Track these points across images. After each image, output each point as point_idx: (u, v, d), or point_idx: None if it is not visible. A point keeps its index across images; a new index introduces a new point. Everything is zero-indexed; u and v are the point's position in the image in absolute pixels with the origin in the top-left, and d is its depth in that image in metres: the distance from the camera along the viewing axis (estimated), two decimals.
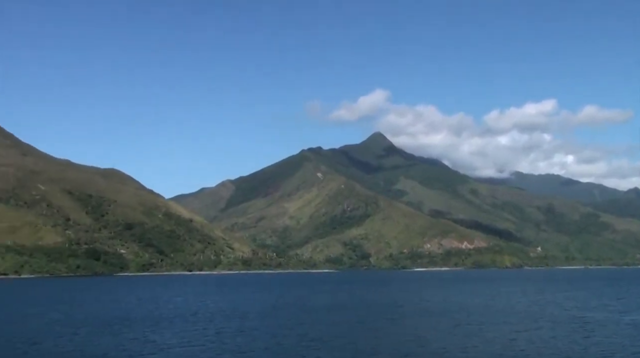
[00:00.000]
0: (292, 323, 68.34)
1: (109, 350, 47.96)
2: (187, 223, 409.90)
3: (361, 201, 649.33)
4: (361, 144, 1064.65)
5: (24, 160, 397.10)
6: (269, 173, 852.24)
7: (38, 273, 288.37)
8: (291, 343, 50.78)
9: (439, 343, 49.44)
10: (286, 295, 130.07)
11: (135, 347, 49.77)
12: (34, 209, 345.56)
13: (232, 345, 50.50)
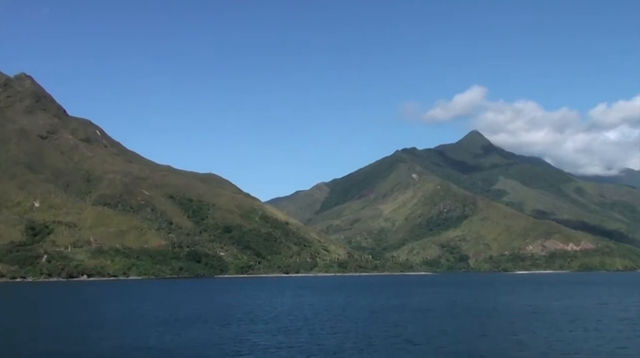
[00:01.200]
0: (387, 325, 68.32)
1: (207, 348, 50.41)
2: (283, 226, 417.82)
3: (458, 202, 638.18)
4: (457, 143, 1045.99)
5: (129, 167, 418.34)
6: (363, 175, 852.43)
7: (144, 275, 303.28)
8: (384, 345, 51.08)
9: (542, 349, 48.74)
10: (382, 297, 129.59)
11: (232, 346, 51.80)
12: (140, 214, 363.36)
13: (325, 345, 51.19)
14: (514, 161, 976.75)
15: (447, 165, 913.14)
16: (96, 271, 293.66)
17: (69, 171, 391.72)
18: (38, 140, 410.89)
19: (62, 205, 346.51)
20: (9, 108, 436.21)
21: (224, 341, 54.84)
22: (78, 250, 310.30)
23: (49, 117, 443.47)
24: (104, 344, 54.39)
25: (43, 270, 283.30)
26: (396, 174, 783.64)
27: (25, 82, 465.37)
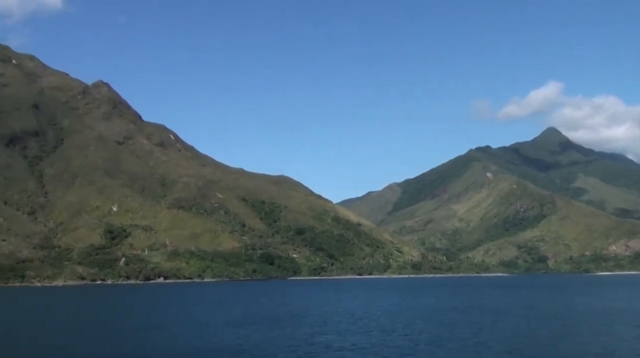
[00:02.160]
0: (461, 327, 66.51)
1: (280, 349, 50.93)
2: (356, 228, 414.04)
3: (535, 201, 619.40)
4: (533, 140, 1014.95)
5: (203, 171, 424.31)
6: (436, 174, 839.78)
7: (218, 277, 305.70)
8: (457, 347, 50.17)
9: None
10: (457, 299, 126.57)
11: (305, 347, 52.40)
12: (213, 216, 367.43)
13: (398, 347, 51.09)
14: (594, 158, 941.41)
15: (523, 164, 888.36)
16: (172, 273, 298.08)
17: (144, 175, 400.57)
18: (115, 145, 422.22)
19: (139, 209, 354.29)
20: (87, 115, 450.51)
21: (297, 342, 55.19)
22: (154, 252, 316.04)
23: (125, 123, 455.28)
24: (182, 344, 56.41)
25: (121, 273, 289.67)
26: (470, 173, 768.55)
27: (102, 89, 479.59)
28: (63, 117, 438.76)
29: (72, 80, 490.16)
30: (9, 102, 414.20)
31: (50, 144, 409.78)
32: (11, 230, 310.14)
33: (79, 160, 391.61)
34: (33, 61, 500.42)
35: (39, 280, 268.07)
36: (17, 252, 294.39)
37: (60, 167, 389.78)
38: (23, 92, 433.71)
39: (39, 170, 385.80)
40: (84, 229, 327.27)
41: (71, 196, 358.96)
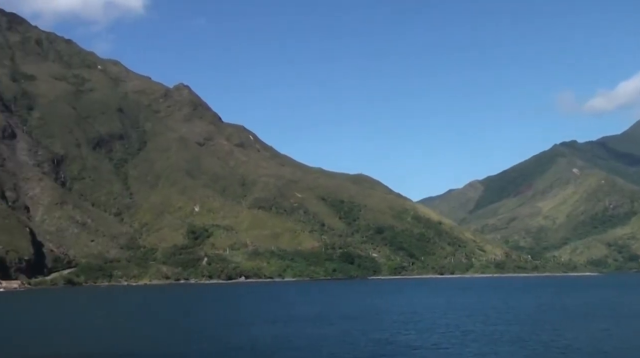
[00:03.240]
0: (546, 328, 64.35)
1: (359, 349, 50.40)
2: (436, 226, 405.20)
3: (625, 197, 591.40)
4: (622, 134, 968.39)
5: (282, 171, 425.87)
6: (519, 171, 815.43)
7: (299, 276, 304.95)
8: (541, 350, 48.50)
9: None
10: (542, 299, 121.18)
11: (384, 346, 51.98)
12: (293, 216, 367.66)
13: (478, 348, 50.05)
14: None
15: (612, 158, 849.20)
16: (253, 273, 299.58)
17: (225, 176, 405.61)
18: (196, 147, 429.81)
19: (220, 209, 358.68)
20: (169, 117, 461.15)
21: (377, 342, 54.39)
22: (235, 252, 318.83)
23: (205, 125, 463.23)
24: (263, 340, 57.79)
25: (204, 272, 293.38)
26: (555, 169, 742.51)
27: (183, 92, 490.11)
28: (146, 120, 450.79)
29: (154, 83, 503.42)
30: (96, 106, 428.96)
31: (134, 147, 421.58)
32: (99, 231, 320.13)
33: (162, 161, 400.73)
34: (117, 66, 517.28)
35: (126, 279, 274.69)
36: (104, 252, 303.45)
37: (144, 168, 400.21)
38: (108, 96, 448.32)
39: (124, 172, 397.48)
40: (167, 229, 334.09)
41: (155, 197, 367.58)
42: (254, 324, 75.81)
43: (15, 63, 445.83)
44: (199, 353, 50.91)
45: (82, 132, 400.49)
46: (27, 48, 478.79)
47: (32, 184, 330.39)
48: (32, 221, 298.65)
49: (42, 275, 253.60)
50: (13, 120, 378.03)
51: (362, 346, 52.11)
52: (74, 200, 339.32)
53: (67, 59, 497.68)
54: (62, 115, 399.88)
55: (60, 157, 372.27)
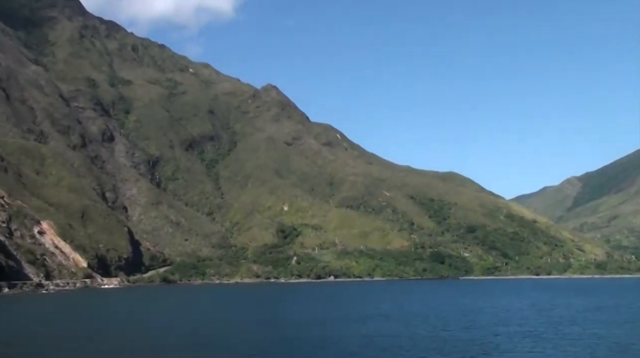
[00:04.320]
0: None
1: (442, 351, 49.76)
2: (531, 225, 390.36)
3: None
4: None
5: (370, 169, 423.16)
6: (621, 166, 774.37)
7: (388, 276, 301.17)
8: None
9: None
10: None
11: (472, 346, 51.33)
12: (381, 215, 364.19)
13: (574, 353, 48.60)
14: None
15: None
16: (342, 272, 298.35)
17: (313, 175, 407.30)
18: (284, 146, 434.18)
19: (308, 208, 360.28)
20: (258, 118, 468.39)
21: (466, 344, 53.43)
22: (324, 251, 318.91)
23: (293, 124, 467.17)
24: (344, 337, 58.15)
25: (293, 271, 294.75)
26: None
27: (271, 93, 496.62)
28: (236, 121, 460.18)
29: (243, 85, 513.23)
30: (187, 108, 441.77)
31: (224, 147, 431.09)
32: (192, 230, 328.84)
33: (251, 162, 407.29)
34: (207, 69, 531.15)
35: (218, 277, 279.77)
36: (197, 251, 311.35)
37: (234, 169, 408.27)
38: (199, 98, 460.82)
39: (215, 173, 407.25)
40: (257, 229, 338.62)
41: (245, 197, 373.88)
42: (343, 321, 76.14)
43: (113, 69, 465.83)
44: (285, 348, 51.83)
45: (175, 134, 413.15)
46: (124, 54, 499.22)
47: (129, 185, 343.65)
48: (130, 221, 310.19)
49: (140, 273, 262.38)
50: (111, 124, 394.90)
51: (452, 347, 51.37)
52: (168, 200, 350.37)
53: (160, 63, 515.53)
54: (156, 118, 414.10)
55: (155, 158, 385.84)
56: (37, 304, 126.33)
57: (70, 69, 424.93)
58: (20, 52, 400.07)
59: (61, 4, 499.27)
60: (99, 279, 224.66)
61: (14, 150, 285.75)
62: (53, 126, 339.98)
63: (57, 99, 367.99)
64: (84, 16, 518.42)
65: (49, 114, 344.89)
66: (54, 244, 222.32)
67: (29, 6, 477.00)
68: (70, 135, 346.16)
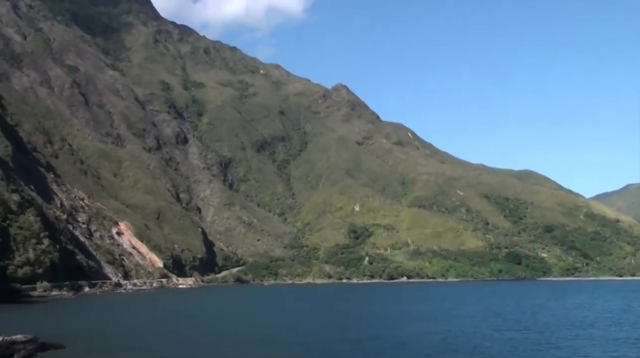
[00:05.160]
0: None
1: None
2: (613, 224, 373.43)
3: None
4: None
5: (442, 168, 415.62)
6: None
7: (462, 277, 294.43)
8: None
9: None
10: None
11: (549, 350, 49.65)
12: (455, 214, 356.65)
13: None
14: None
15: None
16: (415, 273, 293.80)
17: (384, 175, 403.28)
18: (355, 146, 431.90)
19: (380, 208, 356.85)
20: (328, 118, 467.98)
21: (543, 346, 52.10)
22: (397, 252, 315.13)
23: (363, 124, 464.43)
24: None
25: (365, 272, 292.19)
26: None
27: (342, 92, 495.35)
28: (306, 122, 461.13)
29: (313, 85, 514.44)
30: (258, 110, 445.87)
31: (295, 148, 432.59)
32: (264, 230, 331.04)
33: (322, 162, 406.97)
34: (278, 70, 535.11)
35: (290, 277, 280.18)
36: (270, 251, 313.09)
37: (305, 169, 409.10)
38: (270, 99, 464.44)
39: (286, 173, 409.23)
40: (328, 229, 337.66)
41: (316, 197, 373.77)
42: (418, 320, 76.66)
43: (186, 72, 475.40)
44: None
45: (246, 135, 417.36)
46: (196, 57, 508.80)
47: (202, 186, 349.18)
48: (204, 221, 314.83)
49: (214, 273, 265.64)
50: (185, 126, 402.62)
51: (528, 350, 49.98)
52: (240, 201, 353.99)
53: (232, 65, 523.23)
54: (228, 120, 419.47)
55: (227, 160, 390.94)
56: (134, 301, 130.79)
57: (145, 73, 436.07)
58: (98, 58, 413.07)
59: (136, 10, 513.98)
60: (175, 279, 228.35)
61: (93, 153, 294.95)
62: (129, 129, 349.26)
63: (133, 103, 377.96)
64: (158, 21, 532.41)
65: (125, 118, 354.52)
66: (131, 245, 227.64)
67: (107, 13, 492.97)
68: (145, 138, 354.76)
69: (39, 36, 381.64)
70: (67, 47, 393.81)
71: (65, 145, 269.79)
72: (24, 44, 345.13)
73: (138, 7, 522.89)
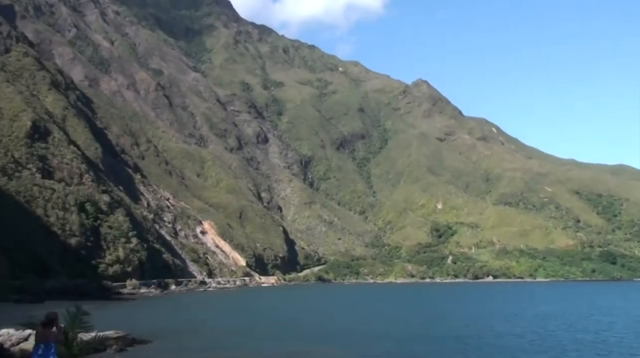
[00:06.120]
0: None
1: None
2: None
3: None
4: None
5: (529, 164, 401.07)
6: None
7: (552, 277, 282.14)
8: None
9: None
10: None
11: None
12: (543, 212, 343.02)
13: None
14: None
15: None
16: (501, 272, 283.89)
17: (467, 171, 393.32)
18: (436, 142, 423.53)
19: (463, 206, 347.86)
20: (409, 114, 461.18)
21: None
22: (481, 250, 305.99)
23: (445, 119, 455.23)
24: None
25: (449, 271, 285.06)
26: None
27: (422, 88, 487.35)
28: (386, 118, 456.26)
29: (393, 81, 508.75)
30: (338, 107, 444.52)
31: (375, 145, 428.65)
32: (345, 229, 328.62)
33: (403, 159, 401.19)
34: (357, 67, 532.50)
35: (372, 277, 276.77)
36: (351, 250, 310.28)
37: (385, 167, 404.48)
38: (349, 97, 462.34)
39: (366, 171, 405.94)
40: (410, 227, 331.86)
41: (397, 195, 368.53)
42: (508, 320, 74.41)
43: (266, 72, 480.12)
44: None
45: (326, 133, 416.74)
46: (276, 57, 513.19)
47: (283, 185, 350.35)
48: (285, 220, 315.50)
49: (295, 272, 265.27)
50: (265, 126, 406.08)
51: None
52: (321, 200, 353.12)
53: (311, 63, 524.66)
54: (307, 118, 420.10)
55: (307, 158, 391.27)
56: (219, 299, 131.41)
57: (226, 74, 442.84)
58: (181, 61, 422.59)
59: (217, 12, 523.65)
60: (257, 277, 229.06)
61: (177, 154, 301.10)
62: (211, 130, 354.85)
63: (214, 104, 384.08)
64: (238, 22, 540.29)
65: (207, 119, 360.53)
66: (214, 243, 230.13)
67: (189, 17, 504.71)
68: (227, 138, 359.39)
69: (125, 41, 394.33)
70: (152, 50, 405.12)
71: (151, 146, 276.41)
72: (111, 49, 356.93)
73: (219, 9, 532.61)
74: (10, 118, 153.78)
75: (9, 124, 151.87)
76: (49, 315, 20.17)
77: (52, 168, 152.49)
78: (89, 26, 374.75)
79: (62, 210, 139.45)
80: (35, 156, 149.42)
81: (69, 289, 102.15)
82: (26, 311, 67.89)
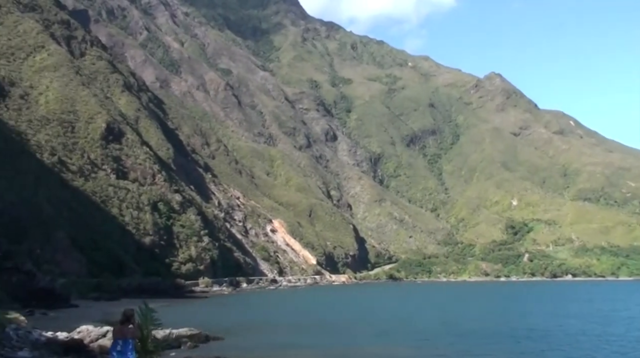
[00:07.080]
0: None
1: None
2: None
3: None
4: None
5: (610, 158, 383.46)
6: None
7: (636, 275, 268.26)
8: None
9: None
10: None
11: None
12: (626, 208, 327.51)
13: None
14: None
15: None
16: (581, 271, 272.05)
17: (543, 166, 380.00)
18: (511, 137, 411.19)
19: (540, 202, 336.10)
20: (481, 108, 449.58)
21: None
22: (559, 248, 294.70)
23: (520, 113, 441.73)
24: None
25: (525, 269, 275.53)
26: None
27: (495, 81, 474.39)
28: (458, 113, 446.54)
29: (464, 75, 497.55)
30: (407, 103, 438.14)
31: (446, 141, 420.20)
32: (416, 226, 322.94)
33: (476, 155, 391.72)
34: (427, 61, 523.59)
35: (445, 275, 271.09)
36: (423, 248, 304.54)
37: (457, 163, 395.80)
38: (419, 92, 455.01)
39: (437, 168, 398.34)
40: (484, 225, 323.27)
41: (470, 192, 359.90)
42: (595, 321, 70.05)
43: (334, 69, 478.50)
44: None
45: (396, 130, 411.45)
46: (344, 53, 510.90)
47: (352, 183, 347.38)
48: (355, 218, 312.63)
49: (366, 270, 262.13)
50: (334, 123, 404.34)
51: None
52: (391, 197, 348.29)
53: (379, 59, 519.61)
54: (376, 115, 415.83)
55: (377, 155, 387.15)
56: (290, 297, 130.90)
57: (294, 72, 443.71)
58: (250, 60, 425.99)
59: (285, 10, 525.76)
60: (328, 276, 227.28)
61: (246, 153, 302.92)
62: (280, 128, 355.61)
63: (283, 102, 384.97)
64: (306, 20, 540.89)
65: (276, 117, 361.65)
66: (285, 242, 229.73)
67: (257, 16, 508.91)
68: (296, 136, 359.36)
69: (194, 42, 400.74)
70: (220, 51, 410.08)
71: (221, 146, 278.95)
72: (181, 50, 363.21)
73: (286, 7, 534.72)
74: (85, 120, 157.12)
75: (84, 126, 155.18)
76: (127, 312, 20.92)
77: (126, 168, 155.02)
78: (159, 28, 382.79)
79: (136, 209, 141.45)
80: (110, 157, 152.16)
81: (144, 287, 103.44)
82: (104, 308, 69.59)
